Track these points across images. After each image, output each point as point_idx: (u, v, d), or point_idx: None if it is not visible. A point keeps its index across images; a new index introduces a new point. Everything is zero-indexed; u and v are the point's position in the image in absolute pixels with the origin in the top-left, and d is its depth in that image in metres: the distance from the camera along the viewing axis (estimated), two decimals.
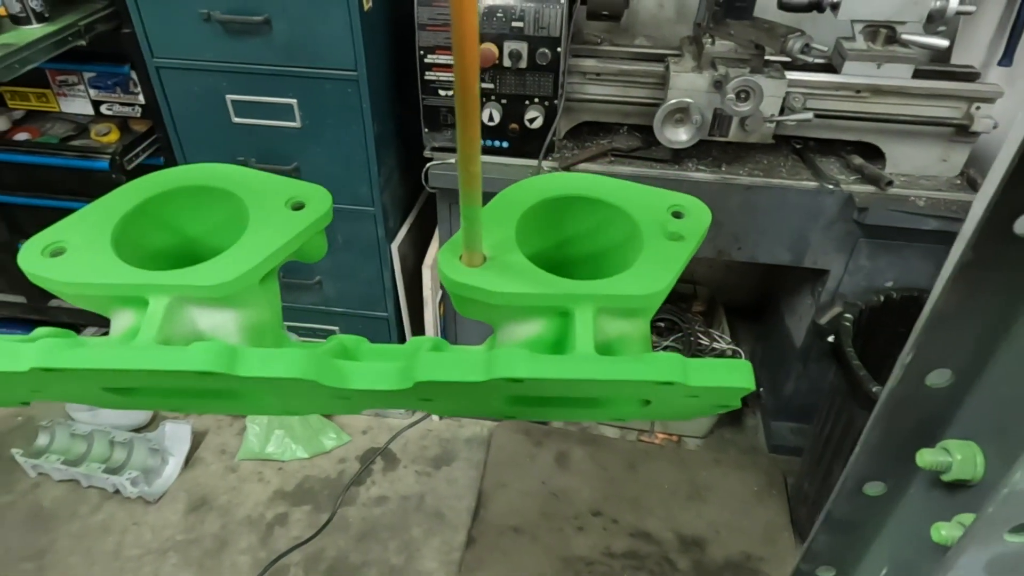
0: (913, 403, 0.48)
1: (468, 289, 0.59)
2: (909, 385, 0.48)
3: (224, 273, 0.59)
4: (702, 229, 0.66)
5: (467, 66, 0.45)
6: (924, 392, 0.48)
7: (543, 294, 0.58)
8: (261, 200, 0.66)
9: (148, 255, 0.65)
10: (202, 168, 0.69)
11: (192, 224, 0.69)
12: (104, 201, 0.66)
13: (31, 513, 1.95)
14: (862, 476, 0.54)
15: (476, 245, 0.59)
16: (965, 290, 0.42)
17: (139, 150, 1.84)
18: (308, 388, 0.54)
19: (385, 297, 1.99)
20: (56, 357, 0.51)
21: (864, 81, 1.60)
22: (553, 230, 0.68)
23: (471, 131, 0.49)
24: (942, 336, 0.45)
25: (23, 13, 1.56)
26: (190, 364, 0.50)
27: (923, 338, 0.45)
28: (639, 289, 0.59)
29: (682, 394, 0.54)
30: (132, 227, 0.65)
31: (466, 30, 0.43)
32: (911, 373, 0.47)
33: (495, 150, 1.70)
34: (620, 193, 0.67)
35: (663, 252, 0.62)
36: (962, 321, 0.44)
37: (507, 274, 0.59)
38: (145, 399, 0.65)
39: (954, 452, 0.46)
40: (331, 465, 2.11)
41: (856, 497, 0.55)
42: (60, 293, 0.62)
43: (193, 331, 0.61)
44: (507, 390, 0.55)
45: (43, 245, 0.61)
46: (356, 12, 1.51)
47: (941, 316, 0.44)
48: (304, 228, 0.64)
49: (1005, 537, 0.41)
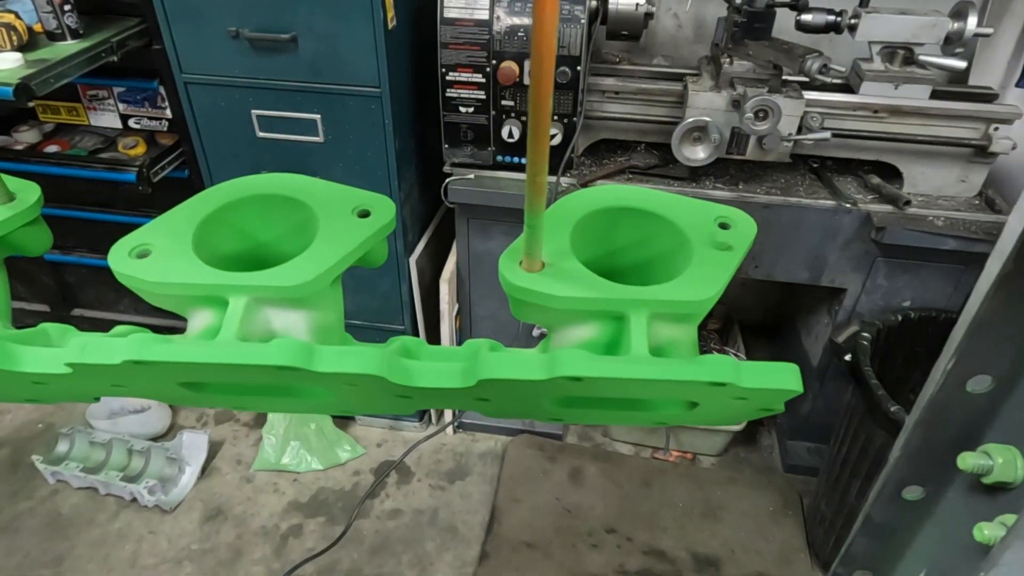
0: (954, 409, 0.50)
1: (529, 293, 0.61)
2: (950, 391, 0.49)
3: (301, 275, 0.63)
4: (749, 239, 0.68)
5: (542, 89, 0.48)
6: (965, 398, 0.49)
7: (601, 299, 0.61)
8: (329, 208, 0.69)
9: (222, 258, 0.69)
10: (273, 178, 0.73)
11: (263, 230, 0.73)
12: (184, 207, 0.70)
13: (50, 520, 1.97)
14: (901, 481, 0.55)
15: (537, 252, 0.61)
16: (1005, 299, 0.43)
17: (165, 163, 1.88)
18: (374, 385, 0.57)
19: (402, 310, 2.01)
20: (148, 351, 0.54)
21: (882, 101, 1.61)
22: (603, 240, 0.71)
23: (541, 146, 0.52)
24: (982, 343, 0.46)
25: (59, 30, 1.60)
26: (272, 359, 0.53)
27: (964, 346, 0.46)
28: (692, 295, 0.62)
29: (732, 396, 0.56)
30: (208, 232, 0.69)
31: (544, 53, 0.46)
32: (952, 380, 0.48)
33: (514, 166, 1.73)
34: (668, 205, 0.70)
35: (713, 261, 0.64)
36: (1002, 329, 0.45)
37: (566, 280, 0.62)
38: (214, 396, 0.68)
39: (995, 456, 0.47)
40: (346, 477, 2.11)
41: (895, 502, 0.56)
42: (144, 292, 0.65)
43: (267, 330, 0.64)
44: (564, 390, 0.57)
45: (130, 247, 0.66)
46: (381, 30, 1.54)
47: (981, 324, 0.45)
48: (371, 234, 0.68)
49: None
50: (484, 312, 2.01)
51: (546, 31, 0.45)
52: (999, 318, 0.44)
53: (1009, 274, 0.42)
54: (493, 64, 1.59)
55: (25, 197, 0.73)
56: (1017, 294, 0.43)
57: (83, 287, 2.28)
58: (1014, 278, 0.43)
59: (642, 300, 0.61)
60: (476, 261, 1.89)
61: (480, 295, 1.97)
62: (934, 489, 0.54)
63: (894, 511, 0.56)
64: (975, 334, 0.45)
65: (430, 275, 2.04)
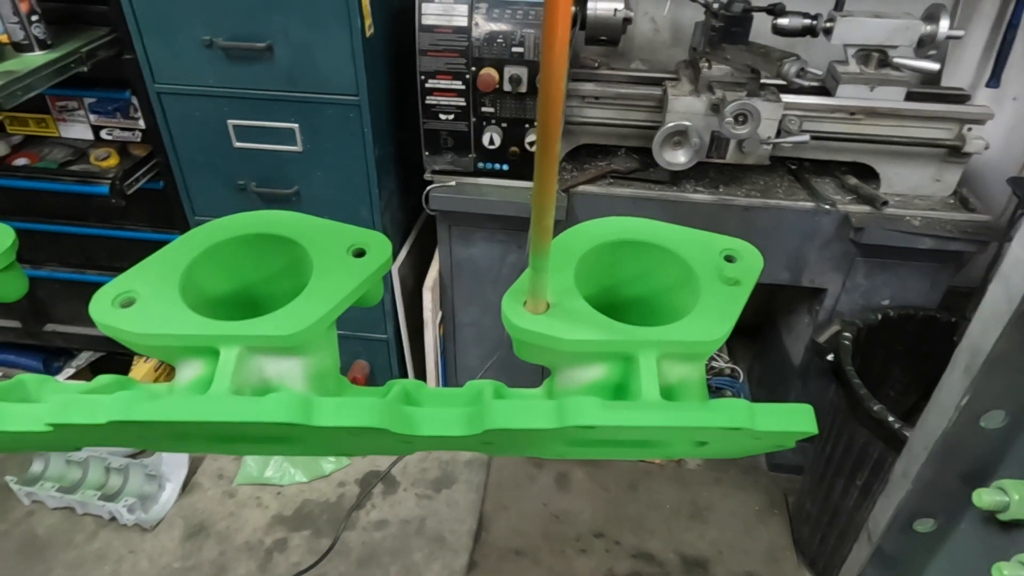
0: (967, 444, 0.49)
1: (535, 336, 0.59)
2: (964, 426, 0.48)
3: (296, 323, 0.59)
4: (756, 272, 0.66)
5: (549, 136, 0.46)
6: (978, 433, 0.48)
7: (609, 340, 0.59)
8: (323, 248, 0.66)
9: (210, 301, 0.65)
10: (263, 215, 0.69)
11: (254, 270, 0.69)
12: (169, 249, 0.66)
13: (25, 542, 1.91)
14: (913, 513, 0.54)
15: (542, 293, 0.59)
16: (1021, 336, 0.43)
17: (139, 175, 1.84)
18: (376, 434, 0.54)
19: (385, 319, 1.99)
20: (135, 411, 0.51)
21: (858, 103, 1.63)
22: (604, 273, 0.68)
23: (547, 189, 0.49)
24: (997, 380, 0.46)
25: (26, 40, 1.56)
26: (269, 416, 0.51)
27: (979, 381, 0.46)
28: (703, 335, 0.59)
29: (747, 437, 0.55)
30: (196, 274, 0.65)
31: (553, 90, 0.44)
32: (966, 415, 0.47)
33: (495, 172, 1.72)
34: (673, 237, 0.68)
35: (721, 296, 0.62)
36: (1017, 365, 0.44)
37: (572, 321, 0.59)
38: (205, 444, 0.64)
39: (1011, 492, 0.47)
40: (330, 489, 2.09)
41: (906, 533, 0.55)
42: (130, 344, 0.61)
43: (260, 379, 0.61)
44: (574, 435, 0.55)
45: (113, 295, 0.62)
46: (358, 37, 1.53)
47: (996, 360, 0.44)
48: (368, 276, 0.64)
49: None
50: (467, 319, 2.00)
51: (555, 77, 0.42)
52: (1014, 354, 0.44)
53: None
54: (472, 71, 1.59)
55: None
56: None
57: (55, 302, 2.22)
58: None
59: (652, 341, 0.59)
60: (458, 268, 1.88)
61: (463, 302, 1.96)
62: (946, 522, 0.54)
63: (905, 543, 0.56)
64: (990, 370, 0.45)
65: (412, 283, 2.03)
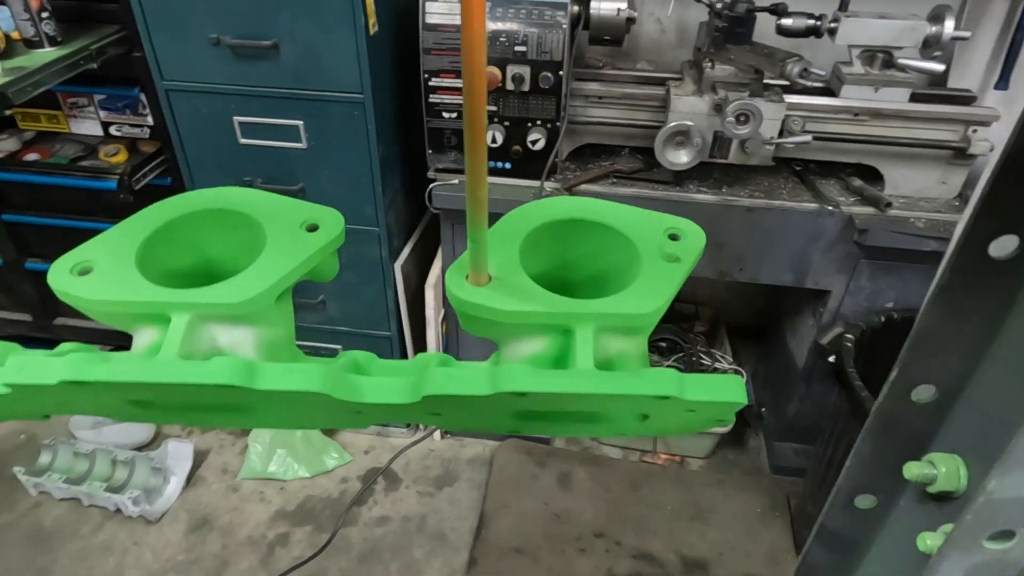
0: (900, 418, 0.50)
1: (474, 307, 0.61)
2: (896, 401, 0.50)
3: (243, 291, 0.62)
4: (697, 251, 0.68)
5: (475, 104, 0.47)
6: (910, 407, 0.50)
7: (546, 312, 0.61)
8: (278, 222, 0.68)
9: (171, 275, 0.67)
10: (221, 192, 0.72)
11: (213, 245, 0.72)
12: (129, 223, 0.68)
13: (32, 532, 1.94)
14: (853, 489, 0.55)
15: (482, 266, 0.61)
16: (945, 310, 0.44)
17: (147, 170, 1.86)
18: (322, 402, 0.56)
19: (388, 316, 2.00)
20: (84, 371, 0.53)
21: (862, 104, 1.62)
22: (556, 252, 0.70)
23: (479, 159, 0.51)
24: (925, 354, 0.47)
25: (37, 37, 1.59)
26: (211, 377, 0.52)
27: (908, 356, 0.47)
28: (637, 308, 0.61)
29: (679, 408, 0.56)
30: (155, 248, 0.67)
31: (475, 66, 0.45)
32: (897, 389, 0.49)
33: (498, 171, 1.72)
34: (620, 216, 0.70)
35: (660, 272, 0.64)
36: (944, 340, 0.46)
37: (511, 293, 0.62)
38: (164, 413, 0.66)
39: (939, 465, 0.48)
40: (333, 485, 2.10)
41: (848, 510, 0.56)
42: (86, 310, 0.64)
43: (213, 347, 0.63)
44: (512, 404, 0.57)
45: (71, 264, 0.64)
46: (363, 36, 1.54)
47: (923, 335, 0.46)
48: (318, 249, 0.66)
49: (984, 544, 0.43)
50: None
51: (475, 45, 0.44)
52: (940, 329, 0.45)
53: (947, 286, 0.43)
54: None
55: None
56: (956, 305, 0.44)
57: None
58: (952, 289, 0.43)
59: (587, 313, 0.61)
60: None
61: None
62: (886, 498, 0.55)
63: (848, 520, 0.57)
64: (918, 344, 0.46)
65: (416, 281, 2.04)
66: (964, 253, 0.42)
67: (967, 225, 0.41)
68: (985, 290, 0.43)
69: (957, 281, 0.43)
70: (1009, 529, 0.42)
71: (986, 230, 0.41)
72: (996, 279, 0.42)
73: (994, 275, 0.42)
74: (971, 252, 0.42)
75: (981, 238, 0.41)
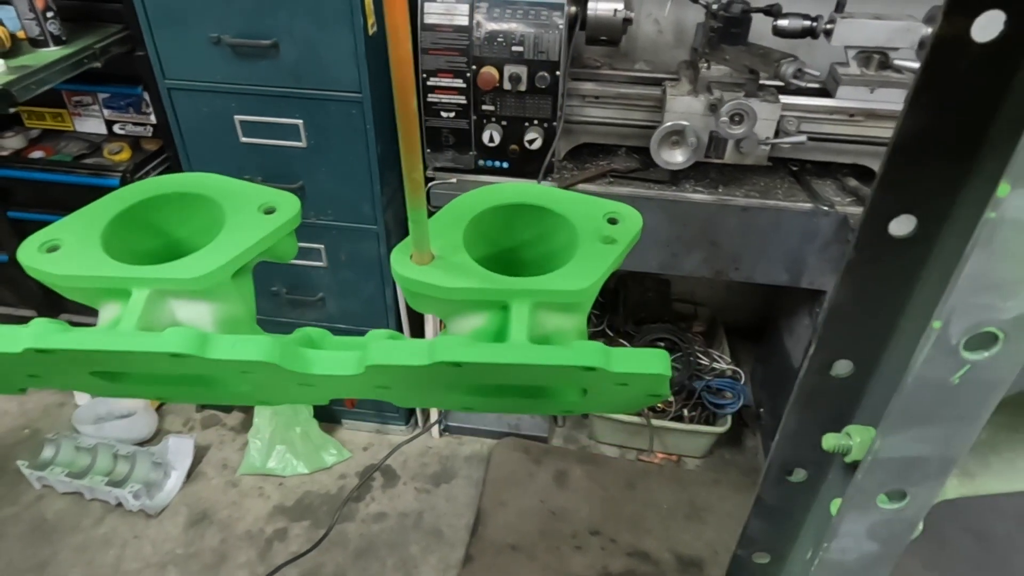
0: (822, 393, 0.52)
1: (416, 284, 0.65)
2: (816, 376, 0.52)
3: (200, 268, 0.66)
4: (633, 233, 0.71)
5: (404, 89, 0.51)
6: (831, 382, 0.52)
7: (483, 289, 0.65)
8: (237, 205, 0.72)
9: (137, 255, 0.71)
10: (186, 176, 0.76)
11: (177, 227, 0.76)
12: (96, 205, 0.73)
13: (34, 525, 1.97)
14: (785, 463, 0.57)
15: (424, 246, 0.65)
16: (853, 287, 0.46)
17: (149, 168, 1.89)
18: (274, 374, 0.59)
19: (387, 314, 2.02)
20: (47, 339, 0.57)
21: (858, 105, 1.63)
22: (504, 236, 0.75)
23: (412, 144, 0.56)
24: (840, 330, 0.48)
25: (41, 36, 1.61)
26: (164, 346, 0.56)
27: (824, 332, 0.49)
28: (570, 285, 0.65)
29: (611, 381, 0.59)
30: (122, 229, 0.71)
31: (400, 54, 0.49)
32: (816, 364, 0.51)
33: (495, 170, 1.74)
34: (562, 201, 0.74)
35: (596, 253, 0.68)
36: (856, 315, 0.47)
37: (452, 272, 0.66)
38: (130, 386, 0.70)
39: (854, 436, 0.50)
40: (331, 481, 2.12)
41: (781, 484, 0.58)
42: (53, 285, 0.68)
43: (172, 322, 0.67)
44: (451, 375, 0.60)
45: (40, 243, 0.68)
46: (361, 36, 1.55)
47: (835, 311, 0.48)
48: (273, 230, 0.70)
49: (879, 504, 0.45)
50: None
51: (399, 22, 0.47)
52: (851, 305, 0.46)
53: (853, 262, 0.45)
54: (473, 69, 1.61)
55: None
56: (863, 282, 0.45)
57: None
58: (858, 266, 0.45)
59: (523, 290, 0.64)
60: None
61: None
62: (815, 471, 0.57)
63: (782, 493, 0.59)
64: (832, 320, 0.47)
65: None
66: (867, 232, 0.44)
67: (867, 205, 0.43)
68: (889, 267, 0.45)
69: (862, 258, 0.45)
70: (900, 488, 0.44)
71: (886, 210, 0.42)
72: (898, 256, 0.44)
73: (896, 253, 0.44)
74: (873, 231, 0.43)
75: (882, 217, 0.43)
